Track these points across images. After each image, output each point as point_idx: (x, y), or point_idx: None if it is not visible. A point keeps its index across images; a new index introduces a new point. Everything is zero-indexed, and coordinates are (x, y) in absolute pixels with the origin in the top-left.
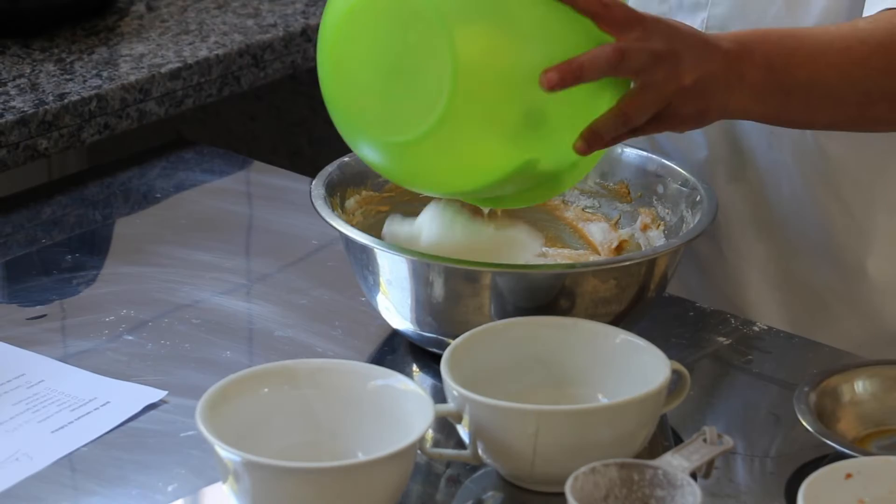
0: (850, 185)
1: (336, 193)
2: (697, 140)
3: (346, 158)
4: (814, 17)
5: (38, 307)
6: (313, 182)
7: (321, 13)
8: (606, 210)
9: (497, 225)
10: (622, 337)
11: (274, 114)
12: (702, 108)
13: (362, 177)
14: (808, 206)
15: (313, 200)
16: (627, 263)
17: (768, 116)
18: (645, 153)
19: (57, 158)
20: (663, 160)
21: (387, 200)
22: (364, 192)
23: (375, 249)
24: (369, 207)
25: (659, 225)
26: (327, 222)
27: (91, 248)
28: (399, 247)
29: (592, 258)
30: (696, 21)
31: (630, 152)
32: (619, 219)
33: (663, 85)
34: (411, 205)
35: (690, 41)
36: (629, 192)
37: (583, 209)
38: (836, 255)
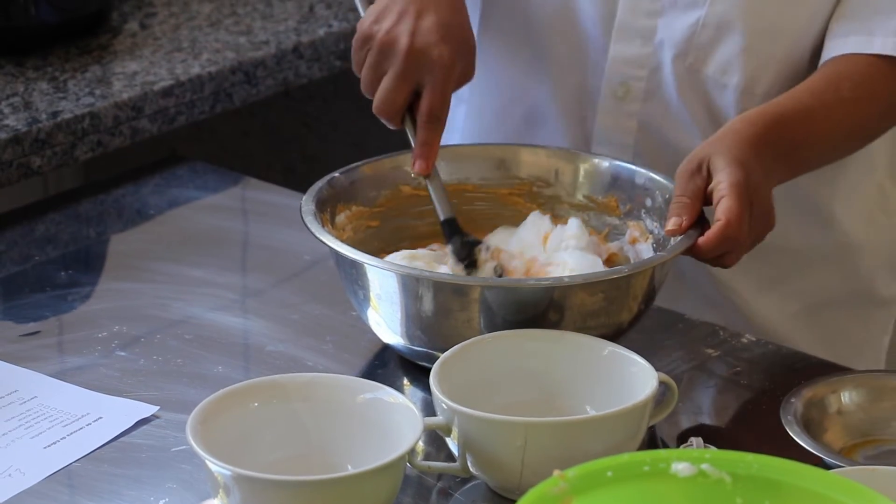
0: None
1: (326, 209)
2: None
3: (336, 174)
4: (815, 6)
5: (31, 324)
6: (303, 198)
7: (313, 30)
8: (595, 224)
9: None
10: (610, 349)
11: (268, 130)
12: None
13: (352, 192)
14: None
15: (303, 216)
16: (615, 277)
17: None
18: (633, 166)
19: (54, 175)
20: (651, 173)
21: (377, 215)
22: (354, 208)
23: (365, 265)
24: (359, 222)
25: (647, 238)
26: (317, 238)
27: (84, 265)
28: (388, 262)
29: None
30: (690, 19)
31: (618, 166)
32: (608, 232)
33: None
34: (401, 220)
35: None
36: (618, 206)
37: None
38: (806, 209)
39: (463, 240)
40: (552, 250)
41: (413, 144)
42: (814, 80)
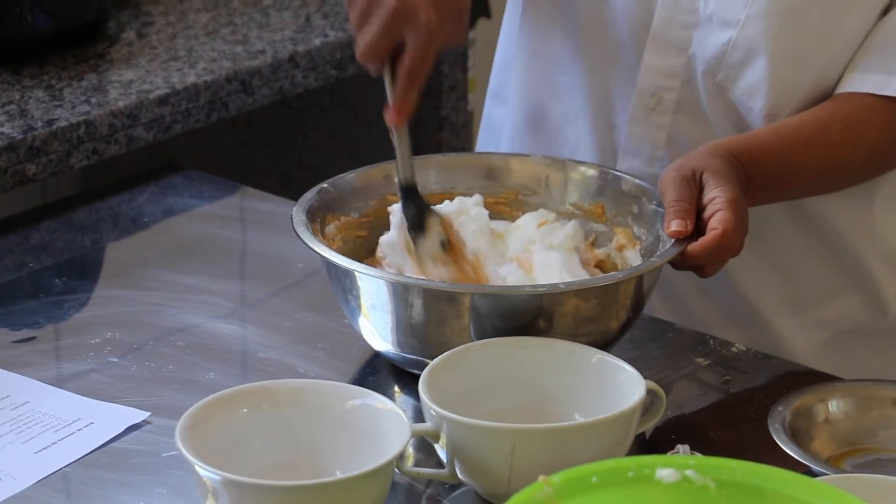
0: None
1: (316, 220)
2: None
3: (324, 185)
4: (845, 40)
5: (25, 330)
6: (294, 209)
7: (309, 40)
8: (582, 230)
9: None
10: (598, 357)
11: (265, 140)
12: None
13: (340, 203)
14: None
15: (295, 227)
16: (605, 283)
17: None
18: (619, 173)
19: (52, 183)
20: (637, 180)
21: (364, 225)
22: (343, 218)
23: (356, 273)
24: (348, 233)
25: (635, 244)
26: (310, 248)
27: (79, 272)
28: (379, 270)
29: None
30: (723, 37)
31: (605, 172)
32: (595, 239)
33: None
34: (388, 229)
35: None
36: (604, 213)
37: None
38: (829, 238)
39: (418, 205)
40: (540, 237)
41: (389, 96)
42: (806, 118)
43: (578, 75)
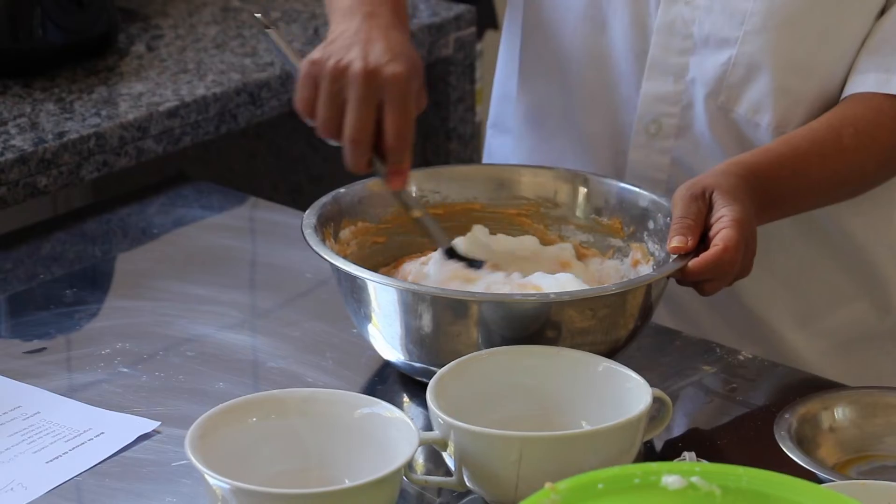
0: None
1: (330, 224)
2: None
3: (342, 190)
4: (845, 45)
5: (36, 341)
6: (306, 213)
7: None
8: (601, 245)
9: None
10: (605, 365)
11: (274, 151)
12: None
13: (358, 208)
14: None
15: (303, 231)
16: (611, 293)
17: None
18: (636, 189)
19: (63, 195)
20: (654, 196)
21: (383, 231)
22: (360, 223)
23: (364, 280)
24: (365, 238)
25: (649, 260)
26: (316, 252)
27: (90, 283)
28: (388, 278)
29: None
30: (721, 58)
31: (622, 188)
32: (613, 254)
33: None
34: (407, 236)
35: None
36: (622, 228)
37: (580, 243)
38: (839, 243)
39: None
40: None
41: (379, 171)
42: (817, 126)
43: (581, 104)
